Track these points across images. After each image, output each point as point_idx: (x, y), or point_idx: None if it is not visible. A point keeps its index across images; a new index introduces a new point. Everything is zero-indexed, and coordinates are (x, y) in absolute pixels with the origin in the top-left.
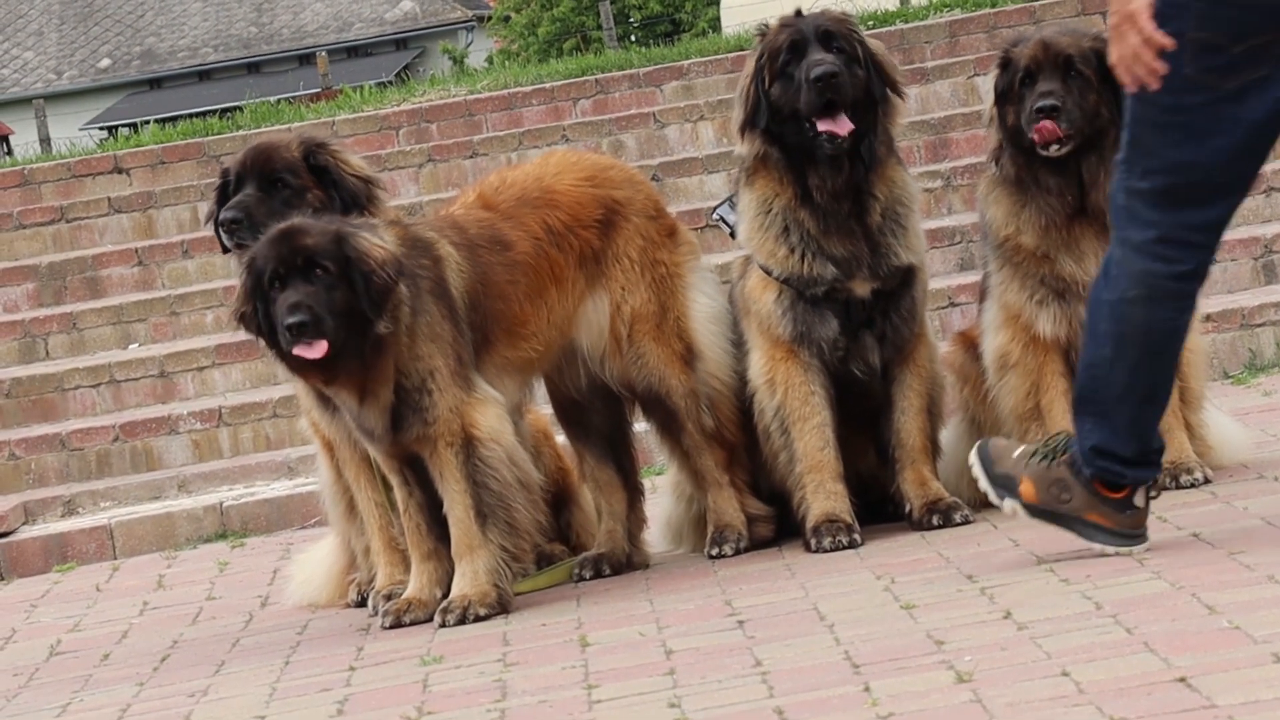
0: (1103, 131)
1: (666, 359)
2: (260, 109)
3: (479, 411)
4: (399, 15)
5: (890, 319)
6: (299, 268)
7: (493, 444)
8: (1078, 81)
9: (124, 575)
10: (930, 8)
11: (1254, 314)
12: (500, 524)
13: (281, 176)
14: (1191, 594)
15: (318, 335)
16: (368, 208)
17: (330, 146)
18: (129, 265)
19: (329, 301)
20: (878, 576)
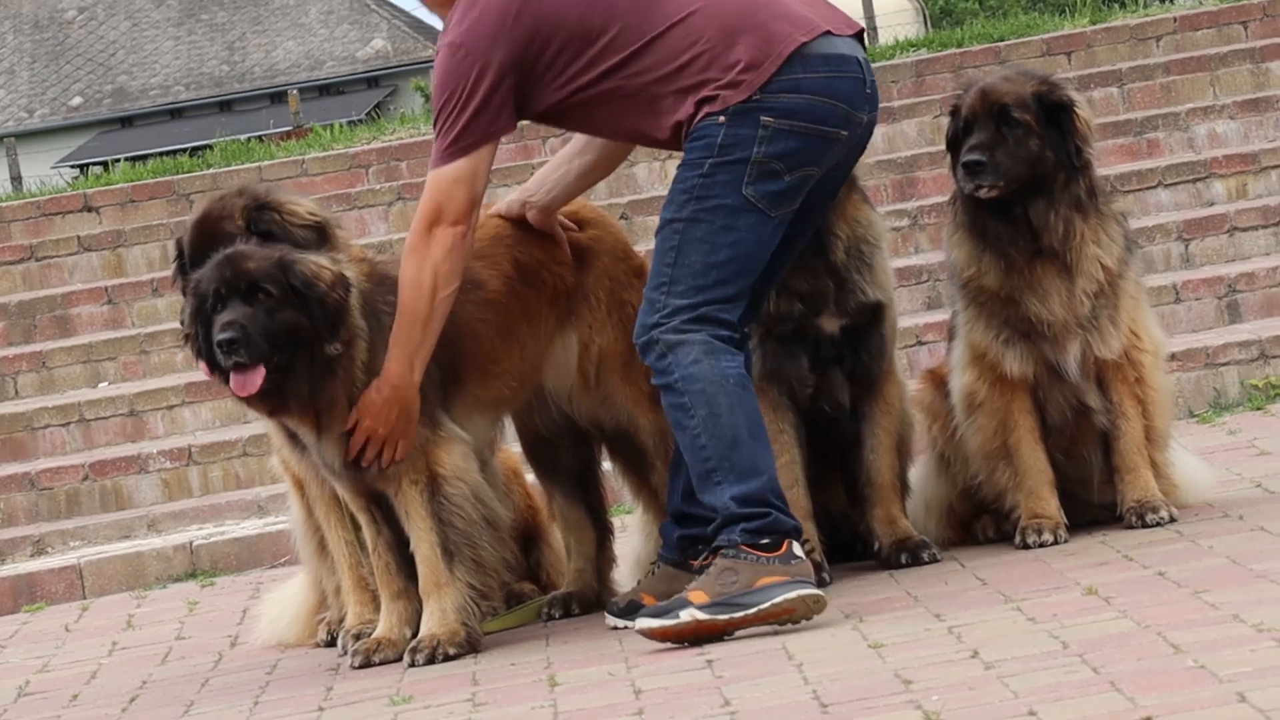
0: (1049, 175)
1: (634, 398)
2: (231, 147)
3: (444, 450)
4: (370, 53)
5: (859, 356)
6: (241, 291)
7: (458, 482)
8: (1015, 129)
9: (93, 615)
10: (897, 48)
11: (1218, 353)
12: (467, 562)
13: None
14: (1157, 633)
15: (250, 354)
16: (325, 249)
17: (274, 201)
18: (99, 304)
19: (268, 324)
20: (846, 615)
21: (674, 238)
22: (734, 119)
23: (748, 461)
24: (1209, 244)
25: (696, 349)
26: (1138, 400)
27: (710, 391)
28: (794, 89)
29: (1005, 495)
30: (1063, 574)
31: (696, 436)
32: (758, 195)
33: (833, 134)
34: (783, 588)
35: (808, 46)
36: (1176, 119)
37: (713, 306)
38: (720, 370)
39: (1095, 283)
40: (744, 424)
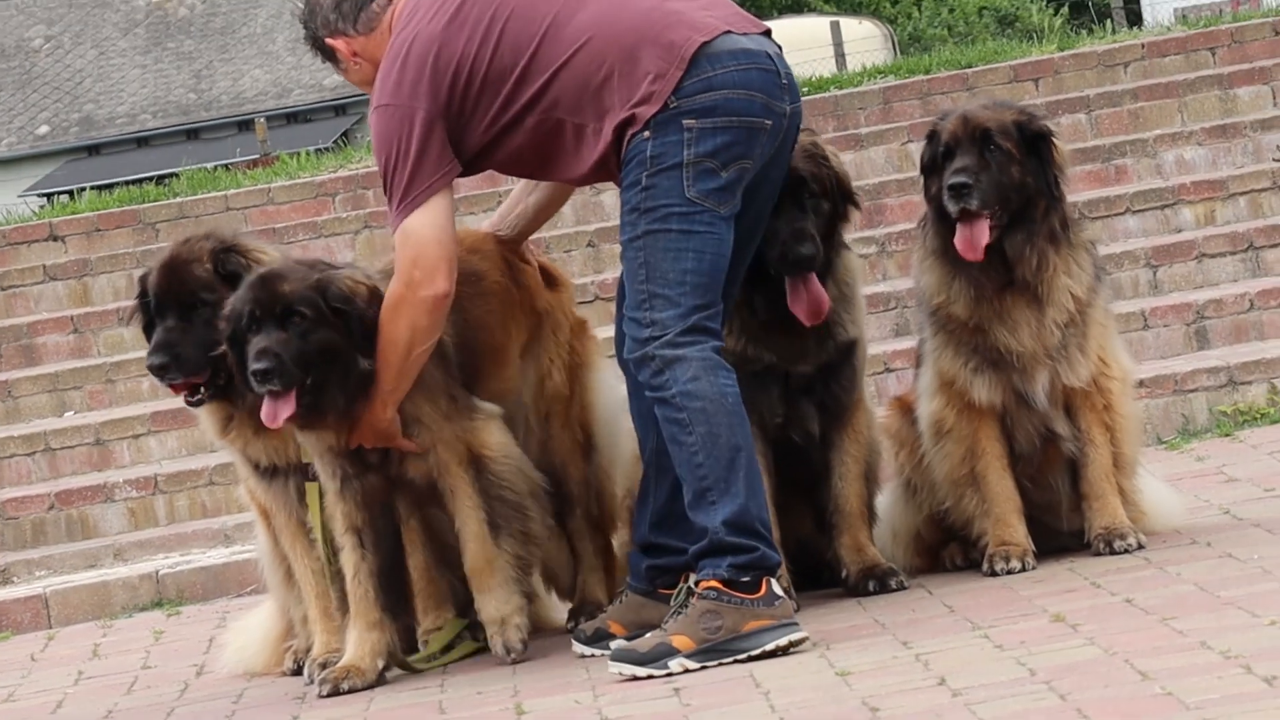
0: (1029, 203)
1: (570, 448)
2: (198, 176)
3: (486, 430)
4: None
5: (830, 389)
6: (275, 315)
7: (504, 459)
8: (997, 155)
9: (59, 644)
10: (864, 74)
11: (1186, 380)
12: (515, 534)
13: (200, 298)
14: (1125, 660)
15: (284, 383)
16: None
17: (241, 246)
18: (64, 333)
19: (302, 348)
20: (814, 643)
21: (639, 254)
22: (657, 130)
23: (743, 485)
24: (1177, 270)
25: (695, 365)
26: (1106, 427)
27: (710, 410)
28: (707, 88)
29: (973, 522)
30: (1030, 601)
31: (694, 454)
32: (702, 194)
33: (757, 123)
34: (772, 633)
35: (710, 46)
36: (1144, 145)
37: (700, 315)
38: (720, 389)
39: (1066, 313)
40: (743, 445)
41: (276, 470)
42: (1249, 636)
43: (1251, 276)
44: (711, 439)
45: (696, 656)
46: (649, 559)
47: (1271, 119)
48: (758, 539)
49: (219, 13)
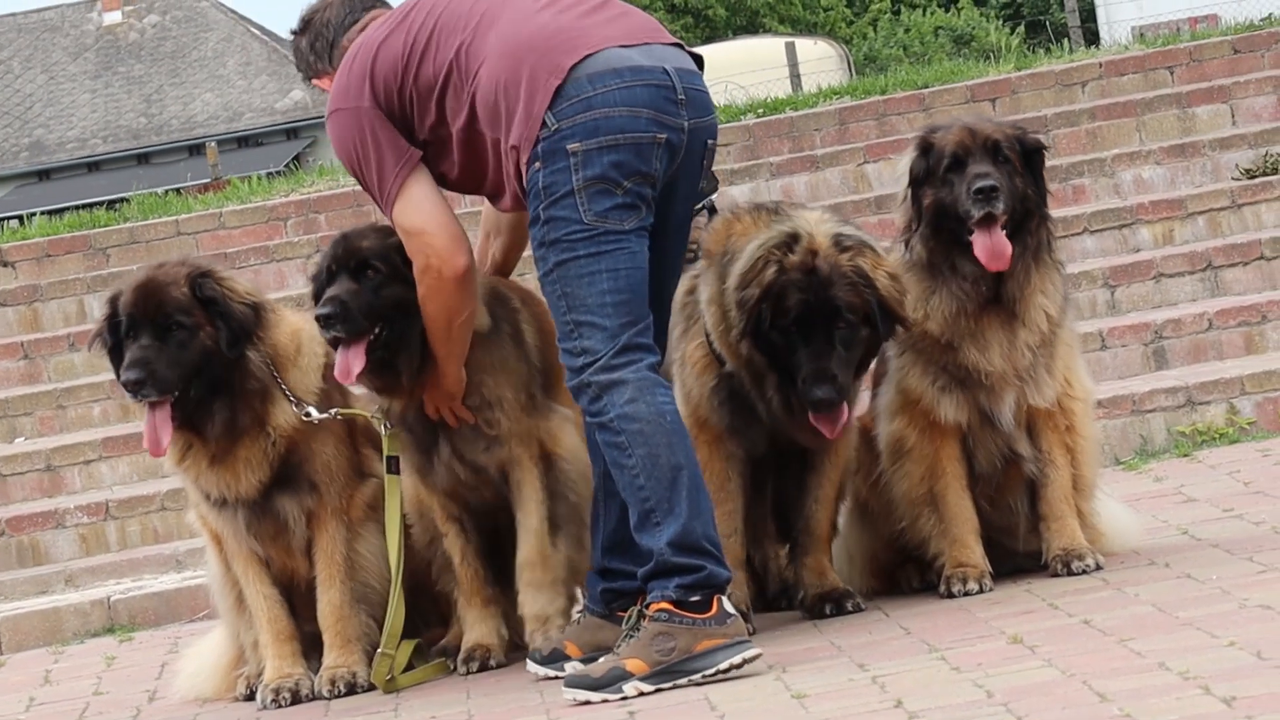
0: (1028, 215)
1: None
2: (149, 200)
3: (561, 431)
4: (289, 105)
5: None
6: (350, 268)
7: (574, 461)
8: (1006, 166)
9: (10, 671)
10: (820, 95)
11: (1145, 400)
12: (572, 538)
13: (175, 320)
14: (1082, 681)
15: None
16: (257, 331)
17: (217, 274)
18: (14, 359)
19: (372, 301)
20: (769, 665)
21: (556, 287)
22: (546, 160)
23: (687, 504)
24: (1135, 290)
25: (631, 387)
26: (1067, 449)
27: (648, 431)
28: (586, 108)
29: (929, 543)
30: (987, 622)
31: (635, 477)
32: (600, 215)
33: (645, 138)
34: (725, 652)
35: (587, 65)
36: (1102, 165)
37: (630, 333)
38: (657, 408)
39: (1039, 334)
40: (684, 464)
41: (227, 501)
42: (1208, 657)
43: (1210, 296)
44: (651, 460)
45: (651, 679)
46: (605, 582)
47: (1230, 138)
48: (704, 557)
49: (169, 37)
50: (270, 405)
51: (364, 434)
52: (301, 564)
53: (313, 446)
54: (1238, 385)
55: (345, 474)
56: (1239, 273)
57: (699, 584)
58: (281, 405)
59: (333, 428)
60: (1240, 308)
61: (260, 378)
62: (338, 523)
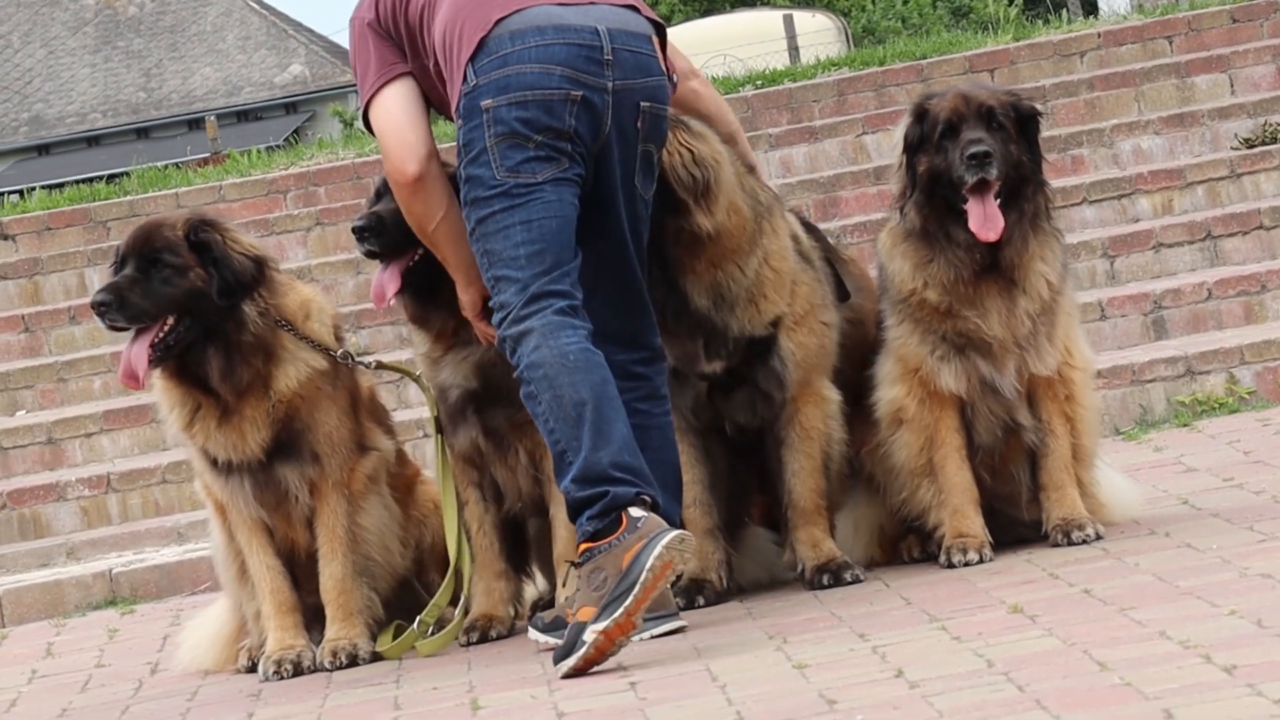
0: (1024, 181)
1: None
2: (148, 174)
3: None
4: (289, 79)
5: (758, 387)
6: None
7: None
8: (1000, 132)
9: (12, 643)
10: (818, 67)
11: (1144, 370)
12: None
13: (160, 256)
14: (1083, 651)
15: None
16: (257, 287)
17: (219, 224)
18: (15, 332)
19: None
20: (770, 636)
21: (479, 245)
22: (465, 116)
23: (589, 436)
24: (1134, 260)
25: (536, 334)
26: (1067, 418)
27: (551, 374)
28: (501, 65)
29: (929, 513)
30: (988, 593)
31: (546, 422)
32: (511, 168)
33: (557, 95)
34: (646, 550)
35: (512, 20)
36: (1101, 135)
37: (541, 281)
38: (560, 349)
39: (1039, 301)
40: (588, 398)
41: (233, 467)
42: (1208, 626)
43: (1209, 266)
44: (557, 402)
45: (601, 618)
46: None
47: (1229, 107)
48: (607, 483)
49: (169, 11)
50: (273, 367)
51: (367, 407)
52: (303, 535)
53: (316, 416)
54: (1237, 355)
55: (347, 446)
56: (1238, 242)
57: (605, 510)
58: (285, 369)
59: (336, 399)
60: (1240, 277)
61: (258, 334)
62: (339, 495)
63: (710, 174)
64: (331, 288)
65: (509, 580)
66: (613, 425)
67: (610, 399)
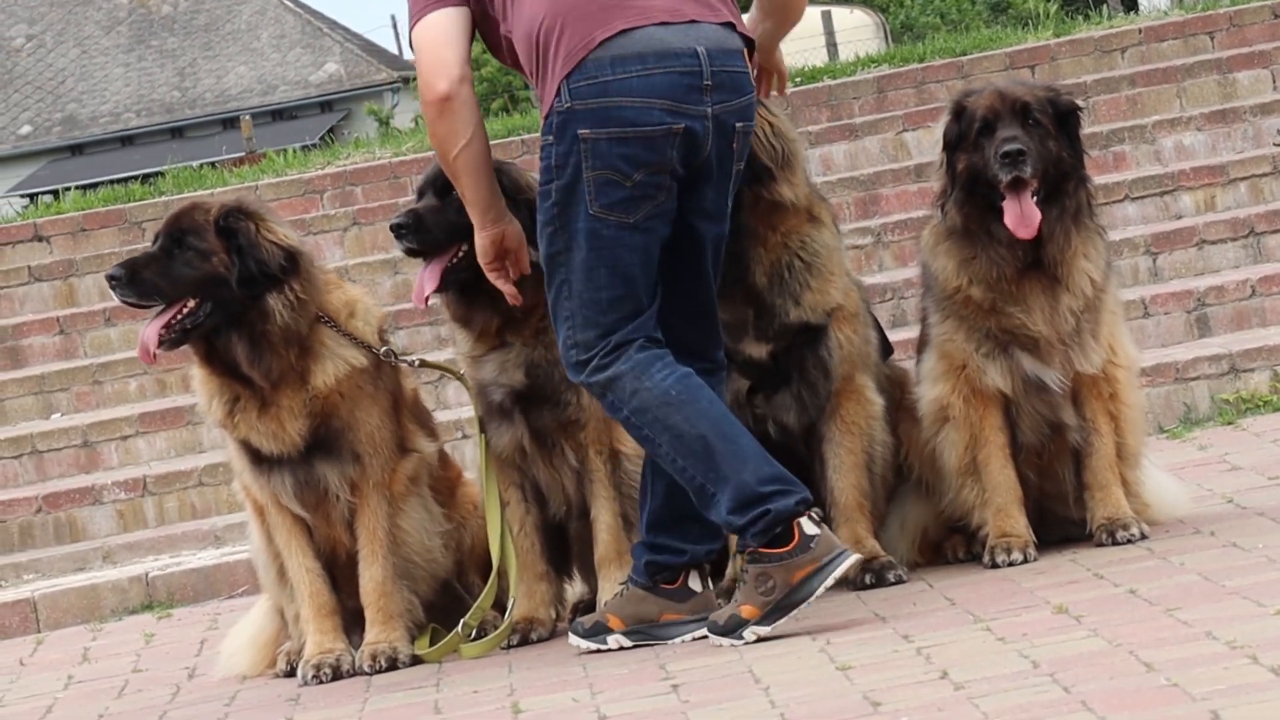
0: (1064, 177)
1: None
2: (183, 174)
3: None
4: (324, 77)
5: (804, 377)
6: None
7: (639, 459)
8: (1037, 129)
9: (48, 649)
10: (858, 64)
11: (1188, 368)
12: None
13: (185, 237)
14: (1129, 651)
15: (418, 240)
16: (288, 279)
17: (254, 213)
18: (50, 334)
19: (454, 218)
20: (813, 637)
21: (560, 271)
22: (557, 135)
23: (727, 464)
24: (1177, 258)
25: (628, 379)
26: (1111, 417)
27: (661, 416)
28: (601, 93)
29: (973, 513)
30: (1032, 593)
31: (674, 462)
32: (607, 208)
33: (659, 130)
34: (818, 577)
35: (615, 43)
36: (1143, 132)
37: (619, 333)
38: (660, 390)
39: (1083, 298)
40: (707, 429)
41: (275, 463)
42: (1255, 626)
43: (1253, 263)
44: (679, 441)
45: (763, 621)
46: (649, 555)
47: (1271, 103)
48: (762, 501)
49: (202, 9)
50: (310, 361)
51: (410, 409)
52: (344, 535)
53: (357, 415)
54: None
55: (389, 447)
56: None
57: (769, 526)
58: (323, 364)
59: (378, 400)
60: None
61: (286, 327)
62: (379, 496)
63: (789, 146)
64: (369, 289)
65: (550, 582)
66: (740, 442)
67: (725, 417)
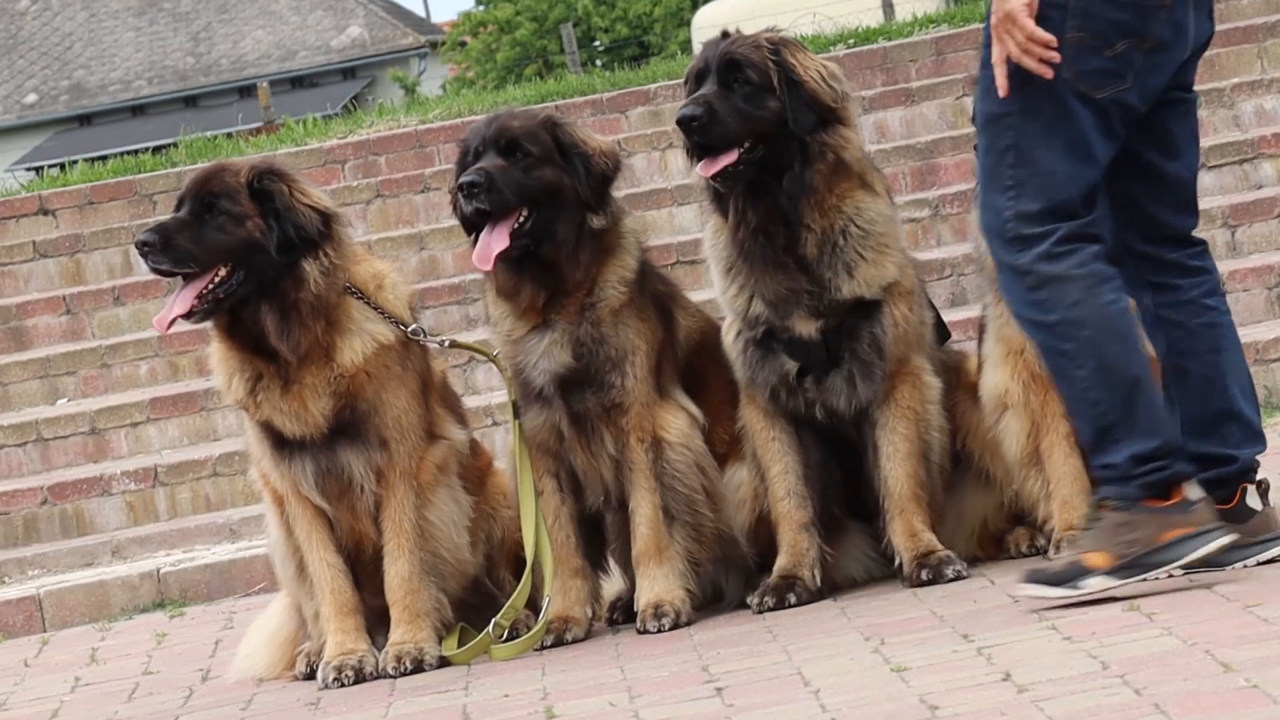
0: None
1: None
2: (197, 144)
3: (672, 415)
4: (346, 42)
5: (857, 358)
6: (501, 147)
7: (682, 449)
8: None
9: (54, 649)
10: (915, 24)
11: (1269, 348)
12: (686, 528)
13: (217, 201)
14: (1205, 651)
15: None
16: (323, 244)
17: (287, 175)
18: (56, 314)
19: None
20: (866, 637)
21: (1007, 134)
22: None
23: (1148, 413)
24: (1258, 230)
25: (1077, 286)
26: None
27: (1098, 339)
28: None
29: (1038, 505)
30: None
31: (1087, 390)
32: (1081, 74)
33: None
34: (1194, 541)
35: None
36: (1220, 95)
37: (1076, 222)
38: (1106, 312)
39: None
40: (1141, 374)
41: (296, 448)
42: None
43: None
44: (1104, 373)
45: (1116, 573)
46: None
47: None
48: (1168, 456)
49: None
50: (336, 336)
51: (439, 393)
52: (369, 528)
53: (383, 397)
54: None
55: (416, 433)
56: None
57: (1160, 481)
58: (350, 340)
59: (405, 381)
60: None
61: (319, 295)
62: (406, 486)
63: (847, 97)
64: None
65: (586, 578)
66: (1160, 402)
67: (1152, 378)
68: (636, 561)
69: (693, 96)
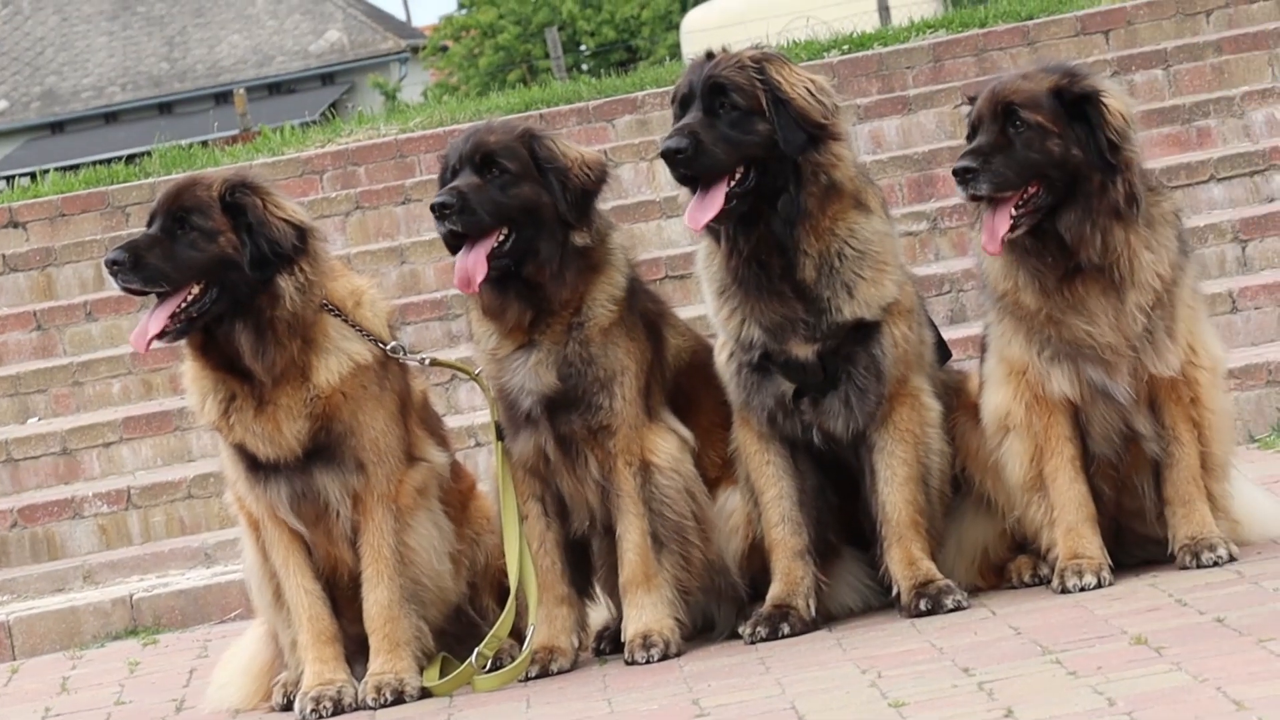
0: (1079, 177)
1: None
2: (171, 153)
3: (661, 438)
4: (325, 47)
5: (854, 380)
6: (476, 163)
7: (672, 473)
8: (1025, 131)
9: (23, 678)
10: (912, 29)
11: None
12: (675, 555)
13: (189, 217)
14: (1216, 687)
15: (462, 221)
16: (298, 259)
17: (260, 187)
18: (26, 330)
19: (500, 198)
20: (862, 670)
21: None
22: None
23: None
24: (1270, 245)
25: None
26: (1193, 424)
27: None
28: None
29: (1041, 532)
30: (1107, 621)
31: None
32: None
33: None
34: None
35: None
36: (1230, 104)
37: None
38: None
39: (1150, 294)
40: None
41: (271, 471)
42: None
43: None
44: None
45: None
46: None
47: None
48: None
49: None
50: (312, 356)
51: (419, 413)
52: (346, 554)
53: (360, 418)
54: None
55: (395, 455)
56: None
57: None
58: (325, 360)
59: (383, 402)
60: None
61: (295, 313)
62: (385, 511)
63: (835, 101)
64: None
65: (572, 606)
66: None
67: None
68: (624, 590)
69: (677, 126)
